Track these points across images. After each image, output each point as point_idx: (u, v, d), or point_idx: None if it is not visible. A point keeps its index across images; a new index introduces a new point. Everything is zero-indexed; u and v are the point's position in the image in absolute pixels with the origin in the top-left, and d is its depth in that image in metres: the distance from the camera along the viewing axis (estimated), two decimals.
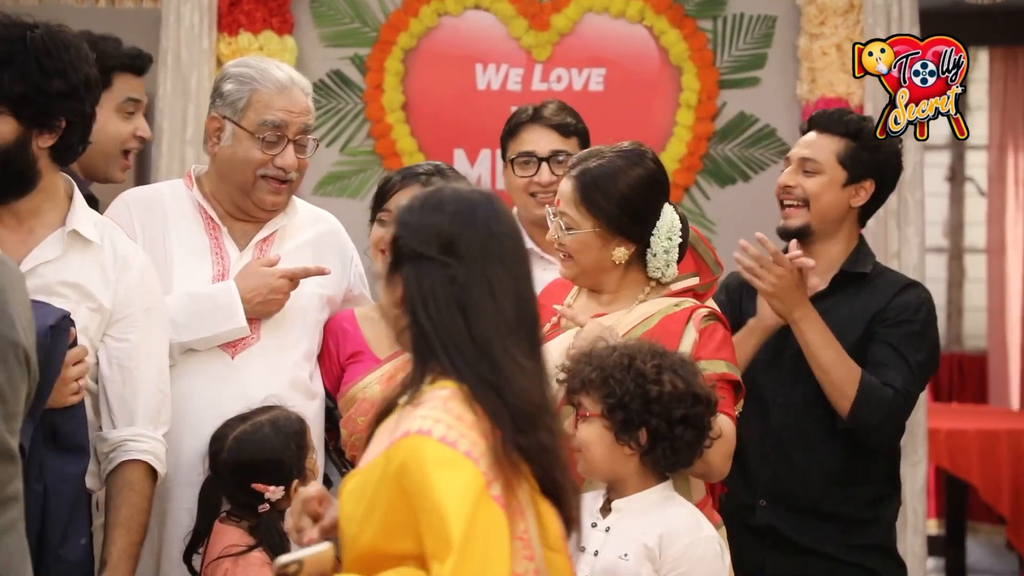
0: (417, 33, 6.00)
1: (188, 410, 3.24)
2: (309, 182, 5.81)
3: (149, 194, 3.45)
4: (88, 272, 3.00)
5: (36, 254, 2.95)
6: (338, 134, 6.00)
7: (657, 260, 3.16)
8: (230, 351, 3.30)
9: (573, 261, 3.19)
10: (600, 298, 3.25)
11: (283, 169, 3.31)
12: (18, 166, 2.91)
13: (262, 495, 3.01)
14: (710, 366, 3.04)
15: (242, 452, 3.03)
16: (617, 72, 6.00)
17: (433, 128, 6.04)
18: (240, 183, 3.34)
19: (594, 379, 2.87)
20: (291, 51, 5.85)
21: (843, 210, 3.58)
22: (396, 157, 5.96)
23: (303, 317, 3.39)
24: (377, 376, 3.34)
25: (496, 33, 6.03)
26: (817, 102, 5.80)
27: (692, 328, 3.11)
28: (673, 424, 2.83)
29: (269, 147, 3.31)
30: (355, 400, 3.33)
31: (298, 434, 3.06)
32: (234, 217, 3.39)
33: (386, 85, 6.00)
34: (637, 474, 2.90)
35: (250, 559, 2.97)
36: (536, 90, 6.00)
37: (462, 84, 6.02)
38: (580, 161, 3.20)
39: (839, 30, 5.81)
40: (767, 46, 5.96)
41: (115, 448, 3.02)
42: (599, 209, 3.12)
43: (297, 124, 3.33)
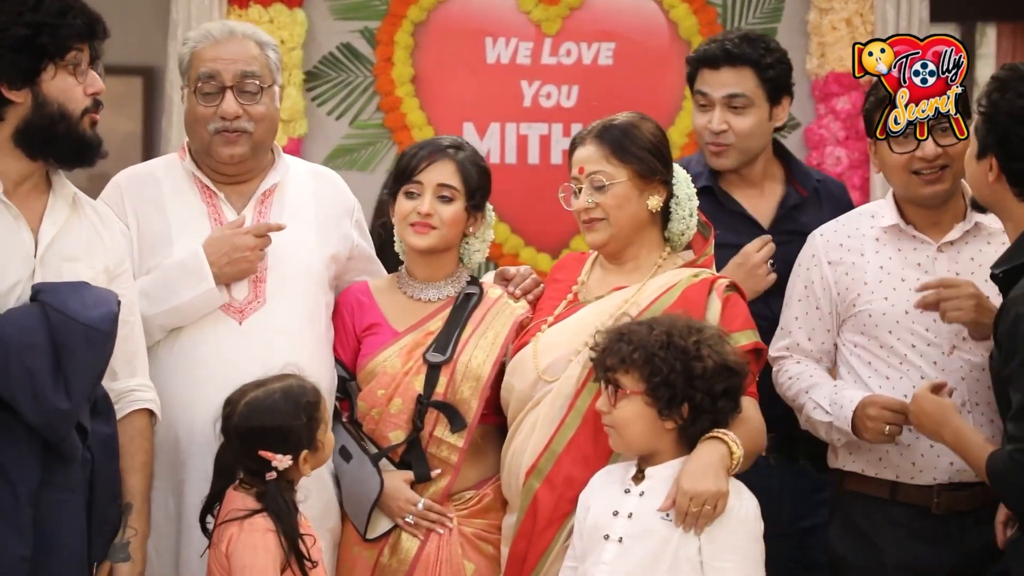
0: (427, 6, 6.01)
1: (200, 378, 3.25)
2: (319, 154, 5.82)
3: (142, 171, 3.47)
4: (87, 237, 3.01)
5: (49, 221, 2.96)
6: (348, 107, 6.01)
7: (682, 208, 3.30)
8: (237, 316, 3.31)
9: (607, 222, 3.26)
10: (618, 269, 3.31)
11: (225, 118, 3.32)
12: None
13: (270, 462, 3.02)
14: (741, 337, 3.16)
15: (251, 418, 3.02)
16: (627, 46, 6.01)
17: (443, 102, 6.05)
18: (200, 143, 3.37)
19: (636, 358, 2.94)
20: (301, 24, 5.86)
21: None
22: (406, 130, 5.98)
23: (308, 277, 3.39)
24: (396, 349, 3.34)
25: (506, 7, 6.04)
26: (827, 76, 5.82)
27: (716, 298, 3.21)
28: (716, 398, 2.96)
29: (207, 99, 3.33)
30: (375, 373, 3.34)
31: (310, 404, 3.05)
32: (224, 182, 3.40)
33: (396, 58, 6.00)
34: (673, 445, 2.99)
35: (255, 523, 2.97)
36: (545, 64, 6.01)
37: (472, 58, 6.03)
38: (595, 129, 3.30)
39: (849, 4, 5.82)
40: (776, 20, 5.97)
41: (121, 398, 3.06)
42: (631, 156, 3.25)
43: (232, 70, 3.33)
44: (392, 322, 3.39)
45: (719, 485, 2.90)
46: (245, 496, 3.02)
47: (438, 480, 3.31)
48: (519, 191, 5.66)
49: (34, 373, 2.73)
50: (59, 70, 2.87)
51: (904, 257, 3.39)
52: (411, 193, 3.38)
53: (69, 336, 2.77)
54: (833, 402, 3.34)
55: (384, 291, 3.45)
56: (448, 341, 3.32)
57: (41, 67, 2.86)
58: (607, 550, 2.93)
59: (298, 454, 3.01)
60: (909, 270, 3.37)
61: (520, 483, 3.18)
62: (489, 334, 3.35)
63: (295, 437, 3.01)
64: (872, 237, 3.44)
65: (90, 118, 2.92)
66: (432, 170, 3.36)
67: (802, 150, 5.88)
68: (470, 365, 3.31)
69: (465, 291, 3.40)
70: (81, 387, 2.80)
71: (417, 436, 3.30)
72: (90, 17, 2.92)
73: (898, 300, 3.35)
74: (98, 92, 2.93)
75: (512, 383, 3.27)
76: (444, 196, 3.36)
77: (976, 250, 3.39)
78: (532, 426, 3.20)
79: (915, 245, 3.40)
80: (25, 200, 2.91)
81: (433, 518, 3.28)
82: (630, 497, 2.96)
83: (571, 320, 3.27)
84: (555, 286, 3.42)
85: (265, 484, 3.00)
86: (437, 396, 3.30)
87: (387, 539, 3.30)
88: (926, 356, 3.33)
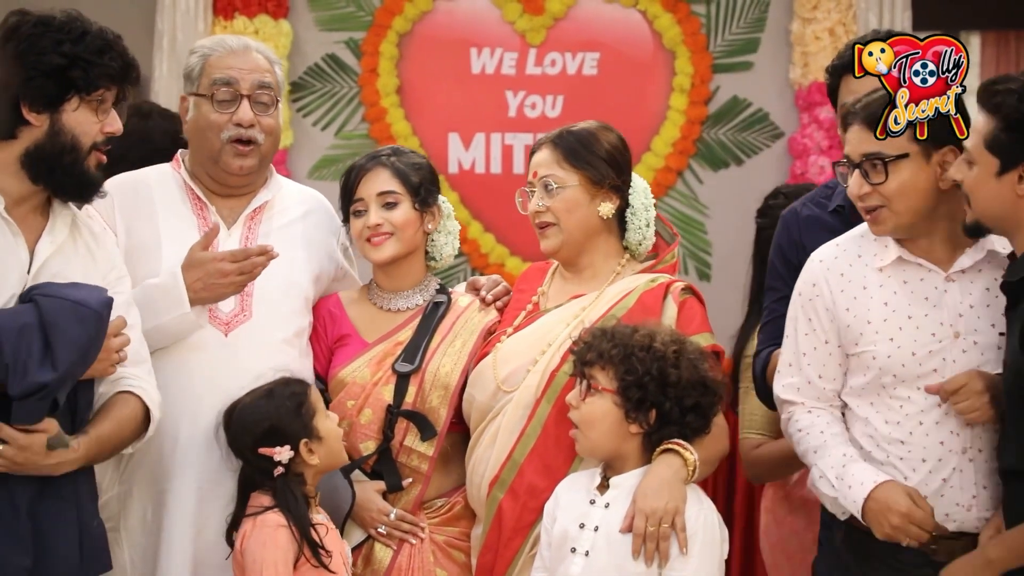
0: (412, 17, 6.03)
1: (184, 389, 3.26)
2: (304, 165, 5.85)
3: (133, 178, 3.46)
4: (83, 259, 3.02)
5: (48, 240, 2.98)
6: (333, 118, 6.03)
7: (638, 218, 3.32)
8: (223, 328, 3.33)
9: (557, 227, 3.28)
10: (576, 278, 3.34)
11: (241, 125, 3.34)
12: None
13: (275, 460, 3.07)
14: (700, 340, 3.16)
15: (243, 425, 3.11)
16: (611, 56, 6.03)
17: (428, 112, 6.08)
18: (208, 151, 3.37)
19: (615, 355, 2.97)
20: (286, 35, 5.88)
21: None
22: (391, 140, 6.00)
23: (293, 294, 3.41)
24: (366, 360, 3.36)
25: (491, 17, 6.06)
26: (810, 86, 5.84)
27: (672, 302, 3.23)
28: (685, 411, 2.97)
29: (223, 106, 3.34)
30: (344, 383, 3.35)
31: (295, 395, 3.12)
32: (218, 194, 3.42)
33: (381, 69, 6.02)
34: (638, 452, 3.00)
35: (266, 519, 3.03)
36: (530, 74, 6.03)
37: (457, 68, 6.05)
38: (552, 135, 3.35)
39: (832, 14, 5.84)
40: (760, 30, 6.00)
41: (110, 384, 3.03)
42: (583, 162, 3.28)
43: (249, 80, 3.36)
44: (362, 333, 3.41)
45: (675, 500, 2.90)
46: (262, 495, 3.08)
47: (410, 489, 3.31)
48: (504, 201, 5.57)
49: (23, 351, 2.74)
50: (83, 104, 2.90)
51: (911, 291, 3.11)
52: (358, 211, 3.40)
53: (58, 314, 2.79)
54: (839, 476, 3.09)
55: (355, 302, 3.47)
56: (416, 350, 3.34)
57: (66, 97, 2.89)
58: (574, 563, 2.94)
59: (296, 444, 3.06)
60: (916, 306, 3.09)
61: (484, 494, 3.20)
62: (457, 343, 3.36)
63: (287, 428, 3.08)
64: (875, 267, 3.14)
65: (96, 157, 2.94)
66: (368, 181, 3.39)
67: (786, 159, 5.91)
68: (438, 374, 3.32)
69: (434, 300, 3.42)
70: (67, 359, 2.79)
71: (388, 446, 3.31)
72: (126, 61, 2.95)
73: (904, 341, 3.08)
74: (114, 132, 2.96)
75: (472, 394, 3.28)
76: (388, 203, 3.37)
77: (991, 279, 3.09)
78: (493, 437, 3.22)
79: (922, 275, 3.12)
80: (25, 219, 2.93)
81: (405, 528, 3.29)
82: (595, 508, 2.97)
83: (529, 330, 3.29)
84: (519, 296, 3.44)
85: (275, 481, 3.05)
86: (407, 405, 3.31)
87: (360, 550, 3.31)
88: (931, 398, 3.07)
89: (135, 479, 3.30)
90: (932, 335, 3.07)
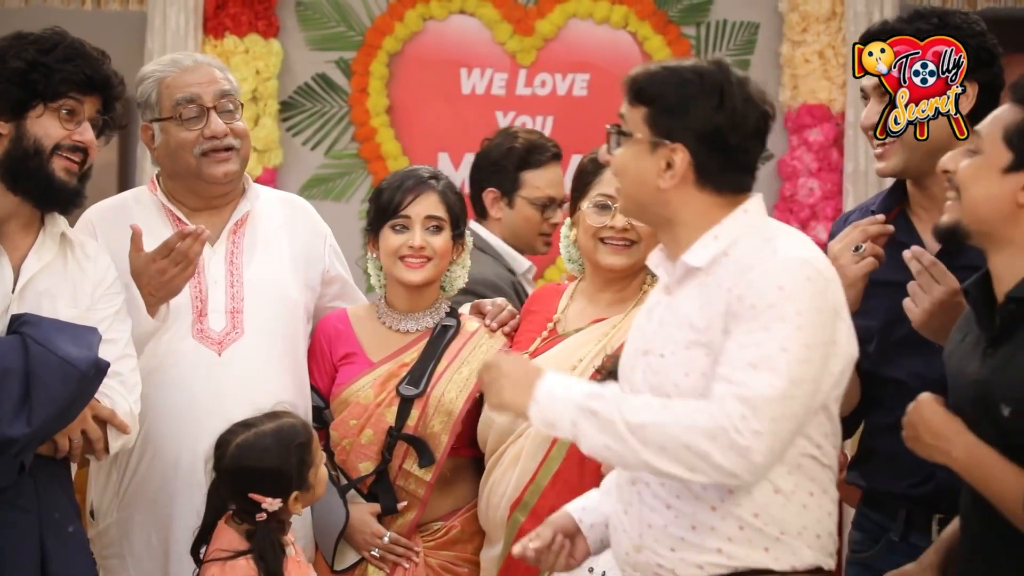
0: (402, 37, 6.03)
1: (182, 410, 3.25)
2: (294, 184, 5.83)
3: (113, 204, 3.47)
4: (72, 276, 3.01)
5: (34, 258, 2.96)
6: (323, 137, 6.03)
7: None
8: (216, 348, 3.31)
9: (638, 247, 3.21)
10: (598, 301, 3.29)
11: (215, 137, 3.33)
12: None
13: (260, 503, 3.00)
14: None
15: (242, 459, 2.98)
16: (601, 77, 6.04)
17: (418, 132, 6.08)
18: (186, 169, 3.36)
19: None
20: (277, 54, 5.88)
21: None
22: (381, 161, 5.99)
23: (284, 306, 3.39)
24: (370, 380, 3.33)
25: (481, 38, 6.06)
26: (799, 109, 5.86)
27: None
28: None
29: (191, 123, 3.34)
30: (347, 403, 3.33)
31: (302, 446, 3.01)
32: (198, 210, 3.40)
33: (371, 89, 6.02)
34: None
35: (236, 567, 2.93)
36: (520, 94, 6.03)
37: (447, 88, 6.05)
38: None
39: (821, 37, 5.86)
40: (750, 52, 6.01)
41: None
42: None
43: (210, 91, 3.36)
44: (368, 352, 3.38)
45: None
46: (234, 533, 2.98)
47: (405, 513, 3.30)
48: None
49: (1, 398, 2.71)
50: (47, 111, 2.90)
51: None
52: (399, 228, 3.36)
53: (44, 368, 2.76)
54: None
55: (362, 320, 3.44)
56: (422, 374, 3.32)
57: (31, 104, 2.89)
58: None
59: (288, 495, 2.99)
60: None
61: (503, 516, 3.18)
62: (464, 370, 3.33)
63: (286, 480, 2.98)
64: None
65: (63, 162, 2.92)
66: (419, 203, 3.35)
67: (775, 181, 5.92)
68: (443, 400, 3.30)
69: (443, 323, 3.39)
70: (44, 417, 2.76)
71: (385, 468, 3.29)
72: (99, 72, 2.94)
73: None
74: (84, 143, 2.94)
75: (492, 417, 3.24)
76: (433, 227, 3.35)
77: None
78: (515, 459, 3.19)
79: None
80: (12, 236, 2.93)
81: (399, 551, 3.27)
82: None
83: (550, 354, 3.24)
84: (531, 318, 3.40)
85: (255, 523, 2.99)
86: (408, 429, 3.29)
87: (354, 571, 3.30)
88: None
89: (136, 505, 3.29)
90: None
